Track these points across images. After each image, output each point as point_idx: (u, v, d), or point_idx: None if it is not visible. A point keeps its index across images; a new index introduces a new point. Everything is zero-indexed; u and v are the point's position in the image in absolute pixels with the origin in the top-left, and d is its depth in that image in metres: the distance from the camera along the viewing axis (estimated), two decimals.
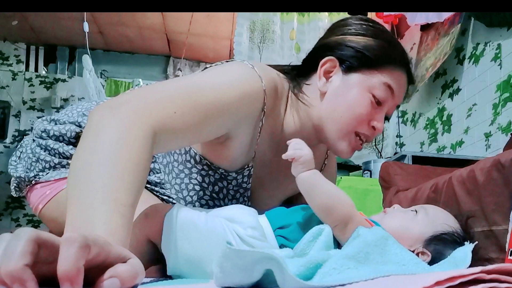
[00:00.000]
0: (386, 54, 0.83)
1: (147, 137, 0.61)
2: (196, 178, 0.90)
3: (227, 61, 0.85)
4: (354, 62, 0.83)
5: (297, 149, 0.75)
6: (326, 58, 0.85)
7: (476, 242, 0.70)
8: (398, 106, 0.89)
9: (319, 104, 0.86)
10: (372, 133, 0.86)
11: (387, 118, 0.88)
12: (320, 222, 0.74)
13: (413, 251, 0.73)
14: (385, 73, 0.83)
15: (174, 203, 0.92)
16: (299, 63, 0.97)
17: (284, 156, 0.76)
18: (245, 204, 0.94)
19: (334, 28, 0.89)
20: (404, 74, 0.86)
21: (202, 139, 0.79)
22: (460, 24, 2.57)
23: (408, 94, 0.91)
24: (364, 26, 0.86)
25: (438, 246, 0.74)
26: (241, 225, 0.74)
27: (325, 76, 0.86)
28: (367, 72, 0.83)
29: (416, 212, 0.79)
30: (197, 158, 0.87)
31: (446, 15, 2.64)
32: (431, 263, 0.69)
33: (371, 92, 0.82)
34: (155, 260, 0.74)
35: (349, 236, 0.68)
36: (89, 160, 0.55)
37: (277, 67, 0.96)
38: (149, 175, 0.94)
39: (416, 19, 2.87)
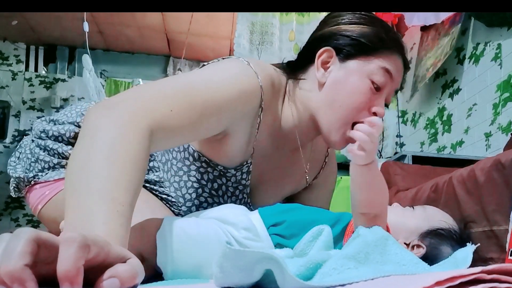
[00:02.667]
0: (381, 40, 0.84)
1: (144, 136, 0.61)
2: (195, 176, 0.90)
3: (223, 58, 0.85)
4: (351, 50, 0.84)
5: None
6: (323, 49, 0.86)
7: (478, 244, 0.70)
8: (396, 92, 0.89)
9: (318, 95, 0.86)
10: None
11: (386, 105, 0.88)
12: (314, 219, 0.74)
13: (408, 244, 0.73)
14: (382, 58, 0.83)
15: (174, 201, 0.92)
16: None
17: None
18: (244, 201, 0.94)
19: (327, 20, 0.90)
20: (399, 59, 0.87)
21: (199, 137, 0.79)
22: (460, 24, 2.57)
23: (404, 80, 0.92)
24: (356, 15, 0.87)
25: (433, 240, 0.74)
26: (234, 227, 0.73)
27: (323, 66, 0.86)
28: (364, 59, 0.83)
29: (414, 208, 0.80)
30: (196, 155, 0.87)
31: (443, 16, 2.64)
32: (428, 260, 0.69)
33: (370, 78, 0.83)
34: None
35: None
36: (86, 160, 0.55)
37: (273, 64, 0.96)
38: (148, 173, 0.94)
39: (413, 20, 2.87)
